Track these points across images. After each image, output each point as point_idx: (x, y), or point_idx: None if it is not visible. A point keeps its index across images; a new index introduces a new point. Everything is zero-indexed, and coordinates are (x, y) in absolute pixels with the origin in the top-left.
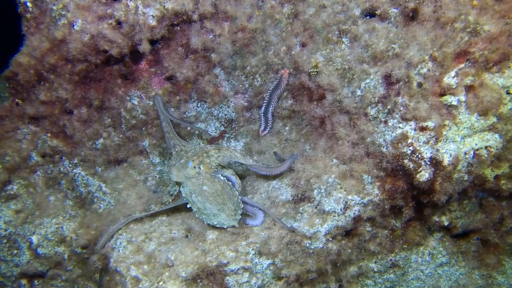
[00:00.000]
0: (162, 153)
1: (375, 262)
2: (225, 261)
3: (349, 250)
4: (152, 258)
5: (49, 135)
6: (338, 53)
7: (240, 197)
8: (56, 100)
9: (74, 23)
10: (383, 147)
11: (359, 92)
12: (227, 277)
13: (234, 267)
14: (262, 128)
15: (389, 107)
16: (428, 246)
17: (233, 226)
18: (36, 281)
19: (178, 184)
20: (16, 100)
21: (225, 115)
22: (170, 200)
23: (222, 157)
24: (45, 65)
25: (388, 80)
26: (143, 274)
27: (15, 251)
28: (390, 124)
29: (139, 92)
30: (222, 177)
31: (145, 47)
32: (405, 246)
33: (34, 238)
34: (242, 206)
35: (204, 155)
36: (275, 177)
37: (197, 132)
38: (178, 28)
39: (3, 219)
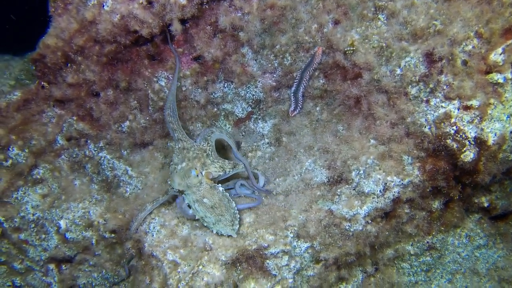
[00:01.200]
0: (188, 135)
1: (411, 245)
2: (266, 244)
3: (387, 233)
4: (188, 242)
5: (75, 118)
6: (375, 31)
7: (237, 208)
8: (83, 82)
9: (104, 4)
10: (425, 127)
11: (398, 71)
12: (267, 261)
13: (274, 250)
14: (292, 108)
15: (431, 86)
16: (466, 228)
17: (231, 236)
18: (64, 265)
19: (180, 192)
20: (42, 83)
21: (253, 95)
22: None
23: (212, 142)
24: (73, 46)
25: (430, 58)
26: (181, 258)
27: (43, 236)
28: (432, 103)
29: (167, 73)
30: (220, 189)
31: (176, 27)
32: (443, 228)
33: (62, 223)
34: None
35: (204, 155)
36: (307, 158)
37: (223, 113)
38: (207, 6)
39: (31, 204)
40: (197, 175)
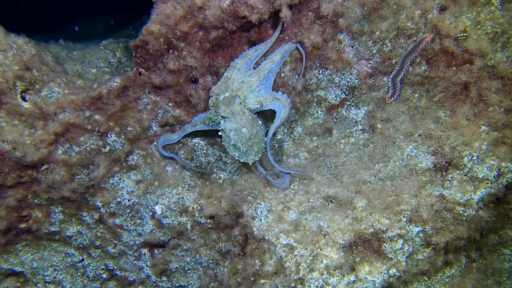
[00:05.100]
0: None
1: None
2: (384, 228)
3: (494, 218)
4: (299, 226)
5: (171, 104)
6: (488, 16)
7: (265, 142)
8: (183, 69)
9: None
10: None
11: None
12: (385, 244)
13: (391, 234)
14: (390, 94)
15: None
16: None
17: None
18: (156, 250)
19: (223, 117)
20: (140, 69)
21: (348, 82)
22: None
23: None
24: (177, 32)
25: None
26: (297, 242)
27: (138, 221)
28: None
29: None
30: (260, 122)
31: (285, 13)
32: None
33: (158, 208)
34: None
35: (248, 90)
36: (408, 144)
37: (316, 100)
38: None
39: (126, 190)
40: (241, 103)
